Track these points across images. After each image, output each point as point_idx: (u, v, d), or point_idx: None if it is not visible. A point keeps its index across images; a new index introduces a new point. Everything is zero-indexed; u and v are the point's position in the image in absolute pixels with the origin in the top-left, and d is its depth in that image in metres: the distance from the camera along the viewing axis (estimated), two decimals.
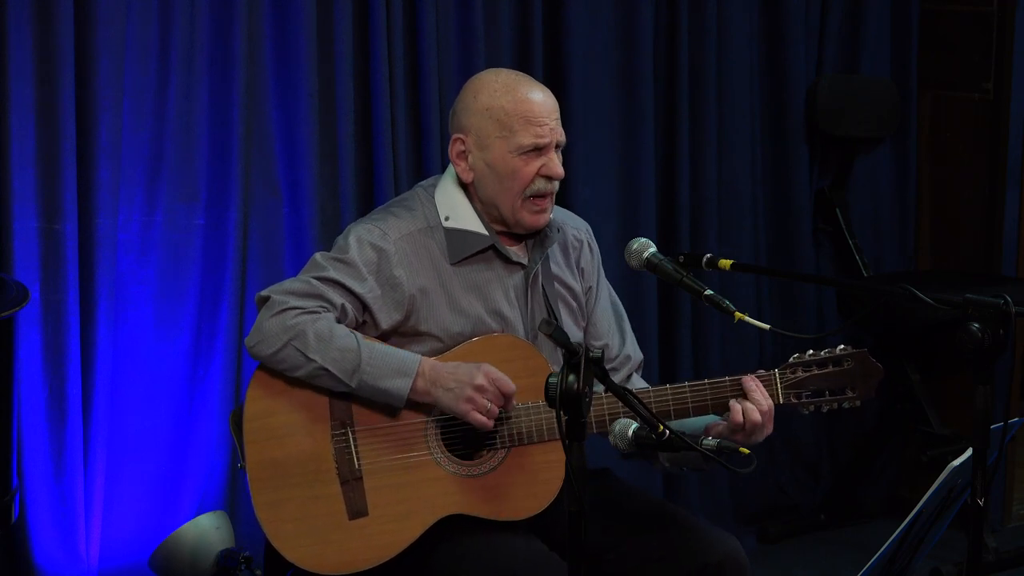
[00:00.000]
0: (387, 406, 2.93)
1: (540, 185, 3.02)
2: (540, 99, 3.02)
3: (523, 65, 4.19)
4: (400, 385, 2.89)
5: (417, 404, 2.93)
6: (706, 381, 2.97)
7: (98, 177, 3.65)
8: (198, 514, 3.81)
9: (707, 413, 2.98)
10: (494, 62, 4.11)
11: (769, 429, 2.94)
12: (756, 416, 2.90)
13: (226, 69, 3.79)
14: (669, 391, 2.96)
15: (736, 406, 2.91)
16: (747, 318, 2.89)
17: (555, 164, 3.02)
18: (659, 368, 4.57)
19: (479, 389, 2.88)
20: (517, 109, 2.99)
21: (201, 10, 3.75)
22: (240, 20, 3.78)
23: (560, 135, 3.04)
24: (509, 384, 2.89)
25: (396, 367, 2.89)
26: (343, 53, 3.92)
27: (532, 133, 2.99)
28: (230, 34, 3.78)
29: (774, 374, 2.98)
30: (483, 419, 2.88)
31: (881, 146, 5.06)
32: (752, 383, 2.93)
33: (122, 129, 3.68)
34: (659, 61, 4.55)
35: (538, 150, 3.00)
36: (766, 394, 2.92)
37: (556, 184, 3.04)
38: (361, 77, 3.98)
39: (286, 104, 3.90)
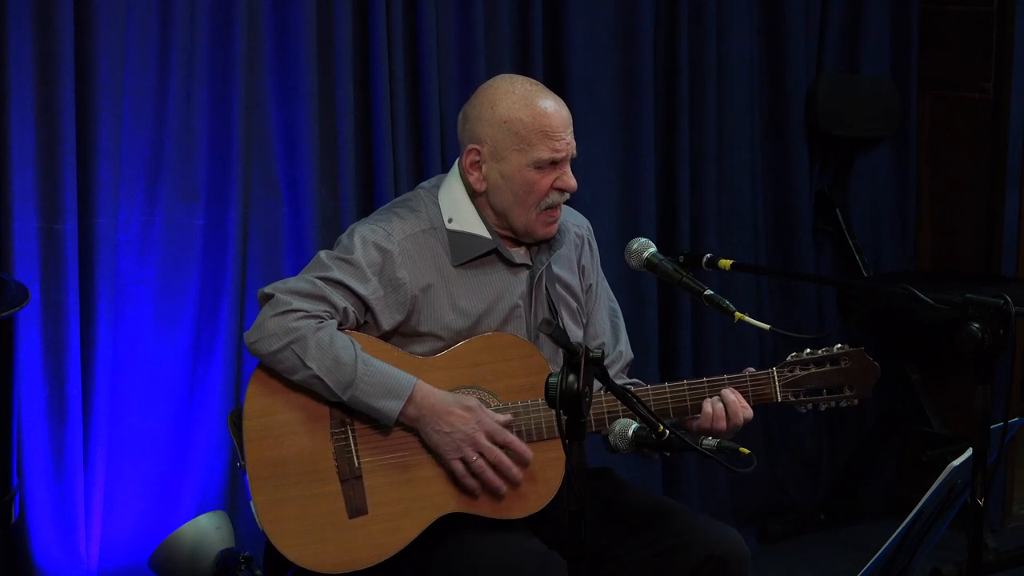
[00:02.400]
0: None
1: (554, 198, 3.02)
2: (558, 112, 3.01)
3: (523, 65, 4.19)
4: (390, 407, 2.89)
5: None
6: (704, 380, 2.98)
7: (98, 177, 3.65)
8: (198, 514, 3.81)
9: None
10: (494, 62, 4.11)
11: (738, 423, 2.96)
12: (721, 425, 2.93)
13: (226, 69, 3.78)
14: (668, 390, 2.97)
15: (708, 410, 2.94)
16: (747, 318, 2.90)
17: (569, 177, 3.03)
18: (659, 368, 4.57)
19: (474, 444, 2.90)
20: (536, 123, 2.98)
21: (201, 10, 3.74)
22: (240, 20, 3.78)
23: (574, 148, 3.04)
24: (519, 445, 2.93)
25: (389, 388, 2.89)
26: (343, 53, 3.92)
27: (550, 147, 2.99)
28: (230, 34, 3.77)
29: (772, 372, 2.99)
30: (463, 469, 2.91)
31: (881, 146, 5.06)
32: (733, 395, 2.95)
33: (122, 129, 3.68)
34: (659, 61, 4.55)
35: (554, 164, 3.01)
36: (742, 407, 2.95)
37: (568, 195, 3.05)
38: (361, 77, 3.98)
39: (286, 104, 3.89)
